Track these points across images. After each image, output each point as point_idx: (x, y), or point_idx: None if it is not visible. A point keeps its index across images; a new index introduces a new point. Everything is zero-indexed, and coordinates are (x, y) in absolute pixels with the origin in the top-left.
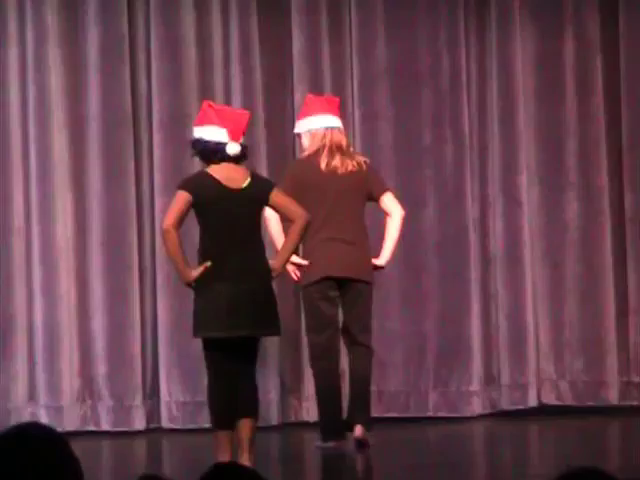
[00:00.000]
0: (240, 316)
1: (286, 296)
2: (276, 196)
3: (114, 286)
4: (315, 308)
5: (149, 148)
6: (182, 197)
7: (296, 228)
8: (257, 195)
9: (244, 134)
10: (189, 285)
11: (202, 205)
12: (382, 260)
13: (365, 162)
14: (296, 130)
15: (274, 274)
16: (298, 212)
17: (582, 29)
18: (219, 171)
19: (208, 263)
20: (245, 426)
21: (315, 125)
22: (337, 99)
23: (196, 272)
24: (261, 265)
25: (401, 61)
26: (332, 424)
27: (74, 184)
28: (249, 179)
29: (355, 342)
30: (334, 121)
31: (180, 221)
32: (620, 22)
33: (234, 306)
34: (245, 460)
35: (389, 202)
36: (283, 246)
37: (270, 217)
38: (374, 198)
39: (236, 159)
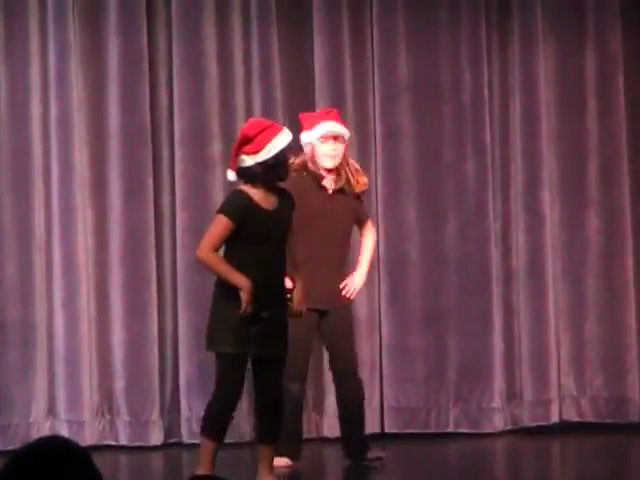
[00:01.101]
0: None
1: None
2: None
3: (134, 300)
4: None
5: (170, 164)
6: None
7: None
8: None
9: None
10: (248, 290)
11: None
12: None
13: None
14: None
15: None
16: None
17: (604, 45)
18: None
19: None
20: None
21: None
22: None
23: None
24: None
25: (423, 77)
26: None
27: (95, 199)
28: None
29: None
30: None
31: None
32: None
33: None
34: None
35: None
36: None
37: None
38: None
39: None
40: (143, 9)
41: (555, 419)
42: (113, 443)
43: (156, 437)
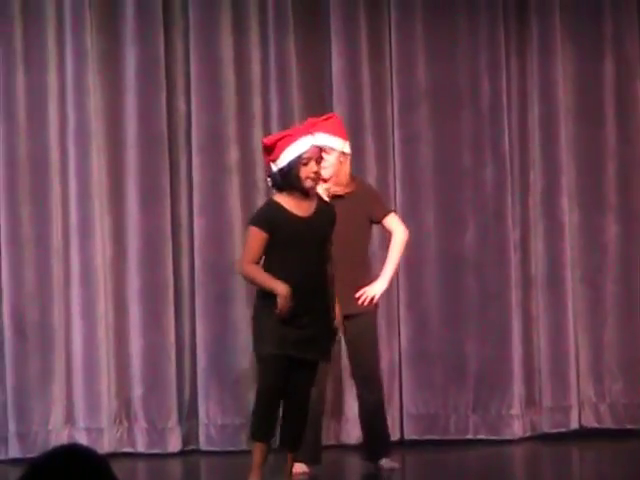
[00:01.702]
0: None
1: None
2: None
3: (151, 308)
4: None
5: (188, 170)
6: None
7: None
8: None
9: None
10: (284, 294)
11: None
12: None
13: None
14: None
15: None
16: None
17: (622, 50)
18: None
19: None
20: None
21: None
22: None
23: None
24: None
25: (441, 83)
26: None
27: (112, 206)
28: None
29: None
30: None
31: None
32: None
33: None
34: None
35: None
36: None
37: None
38: None
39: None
40: (160, 16)
41: (575, 425)
42: (131, 450)
43: (174, 444)
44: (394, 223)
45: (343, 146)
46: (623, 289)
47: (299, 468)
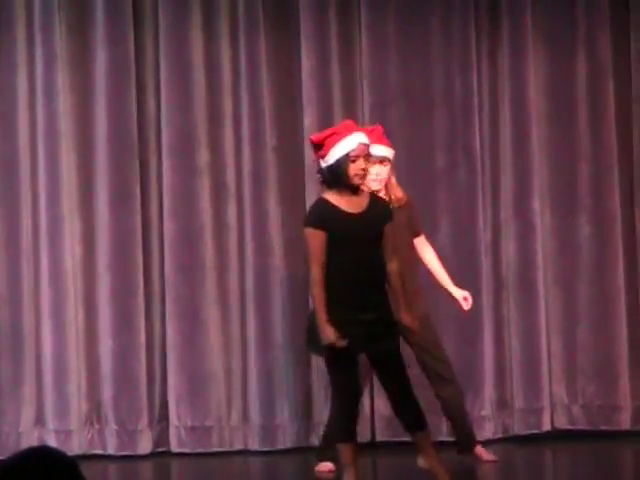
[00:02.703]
0: None
1: (300, 320)
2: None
3: (121, 309)
4: None
5: (157, 172)
6: None
7: None
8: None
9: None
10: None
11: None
12: None
13: None
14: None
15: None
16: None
17: (594, 51)
18: None
19: None
20: None
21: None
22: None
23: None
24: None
25: (412, 84)
26: None
27: (82, 207)
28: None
29: None
30: None
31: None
32: (631, 44)
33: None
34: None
35: None
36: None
37: None
38: None
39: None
40: (130, 17)
41: (547, 427)
42: (101, 452)
43: (144, 446)
44: (423, 243)
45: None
46: (596, 290)
47: (326, 467)
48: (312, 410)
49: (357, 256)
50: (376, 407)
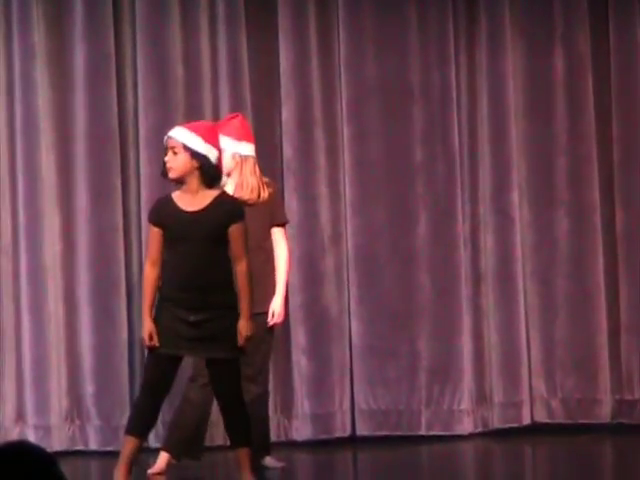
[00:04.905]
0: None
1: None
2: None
3: (103, 304)
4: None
5: (136, 166)
6: None
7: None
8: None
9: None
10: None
11: None
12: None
13: None
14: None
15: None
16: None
17: (572, 46)
18: None
19: None
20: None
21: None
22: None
23: None
24: None
25: (390, 78)
26: None
27: (62, 202)
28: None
29: None
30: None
31: None
32: (611, 38)
33: None
34: None
35: None
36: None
37: None
38: None
39: None
40: (110, 12)
41: (526, 421)
42: (83, 449)
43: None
44: (280, 237)
45: (236, 147)
46: (574, 284)
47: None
48: (292, 403)
49: (189, 255)
50: (356, 401)
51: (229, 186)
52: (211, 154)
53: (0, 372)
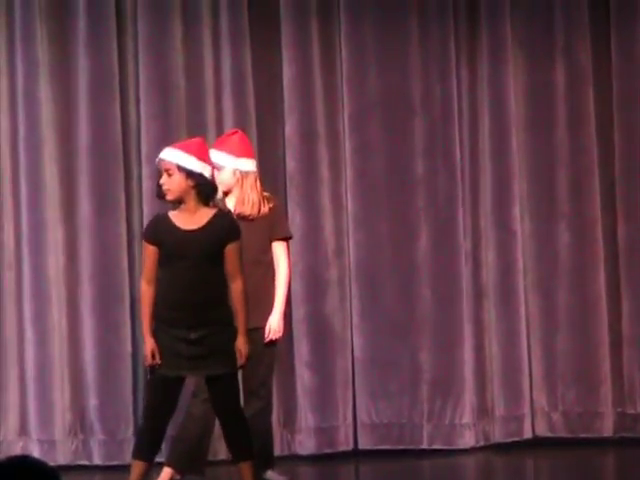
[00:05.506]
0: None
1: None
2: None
3: (106, 316)
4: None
5: (139, 180)
6: None
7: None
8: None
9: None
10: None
11: None
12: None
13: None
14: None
15: None
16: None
17: (574, 59)
18: None
19: None
20: None
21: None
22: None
23: None
24: None
25: (392, 92)
26: None
27: (65, 216)
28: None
29: None
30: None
31: None
32: (612, 52)
33: None
34: None
35: None
36: None
37: None
38: None
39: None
40: (113, 27)
41: (528, 435)
42: (87, 463)
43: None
44: (281, 252)
45: (236, 163)
46: (576, 297)
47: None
48: (294, 417)
49: (185, 273)
50: (358, 415)
51: (230, 202)
52: (205, 171)
53: (3, 384)
